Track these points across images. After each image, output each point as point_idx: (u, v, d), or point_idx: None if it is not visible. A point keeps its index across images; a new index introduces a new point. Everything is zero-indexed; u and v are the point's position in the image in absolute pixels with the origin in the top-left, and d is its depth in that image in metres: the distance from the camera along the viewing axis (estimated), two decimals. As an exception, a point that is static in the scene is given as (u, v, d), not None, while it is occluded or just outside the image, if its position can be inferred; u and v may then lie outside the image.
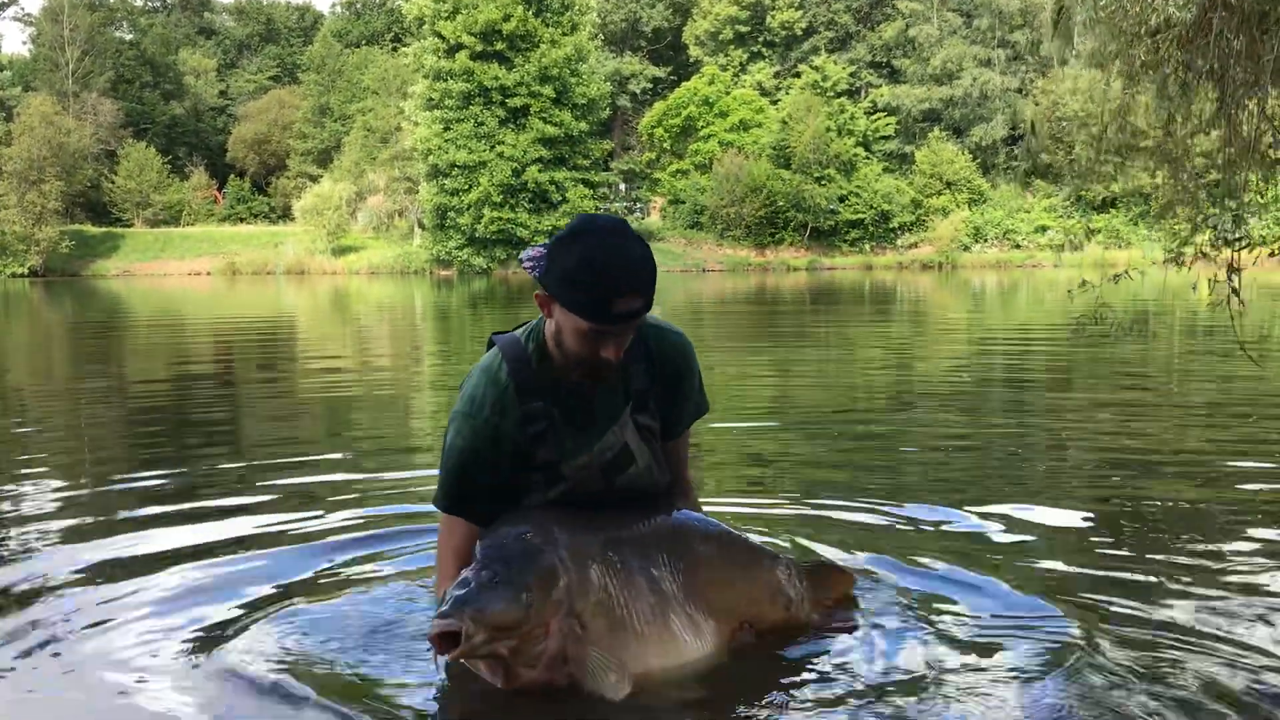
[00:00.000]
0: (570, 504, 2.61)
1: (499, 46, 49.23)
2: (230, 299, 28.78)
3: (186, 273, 52.15)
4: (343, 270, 50.63)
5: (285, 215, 60.01)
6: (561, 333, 2.49)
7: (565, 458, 2.59)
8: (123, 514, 4.11)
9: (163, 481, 4.70)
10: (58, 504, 4.30)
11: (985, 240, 52.03)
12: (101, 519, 4.04)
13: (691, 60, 62.58)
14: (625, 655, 2.39)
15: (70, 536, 3.79)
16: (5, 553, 3.57)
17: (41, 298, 31.55)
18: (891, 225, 53.04)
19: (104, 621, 2.90)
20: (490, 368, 2.61)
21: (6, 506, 4.27)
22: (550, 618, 2.32)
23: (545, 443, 2.57)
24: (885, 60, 59.96)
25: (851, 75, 59.20)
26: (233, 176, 67.15)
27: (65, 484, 4.70)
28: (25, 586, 3.22)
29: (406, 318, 20.09)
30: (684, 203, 54.64)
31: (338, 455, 5.39)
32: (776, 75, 60.72)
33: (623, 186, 61.92)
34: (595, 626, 2.39)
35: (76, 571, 3.35)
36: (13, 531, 3.85)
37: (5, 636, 2.79)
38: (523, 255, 2.57)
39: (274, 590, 3.14)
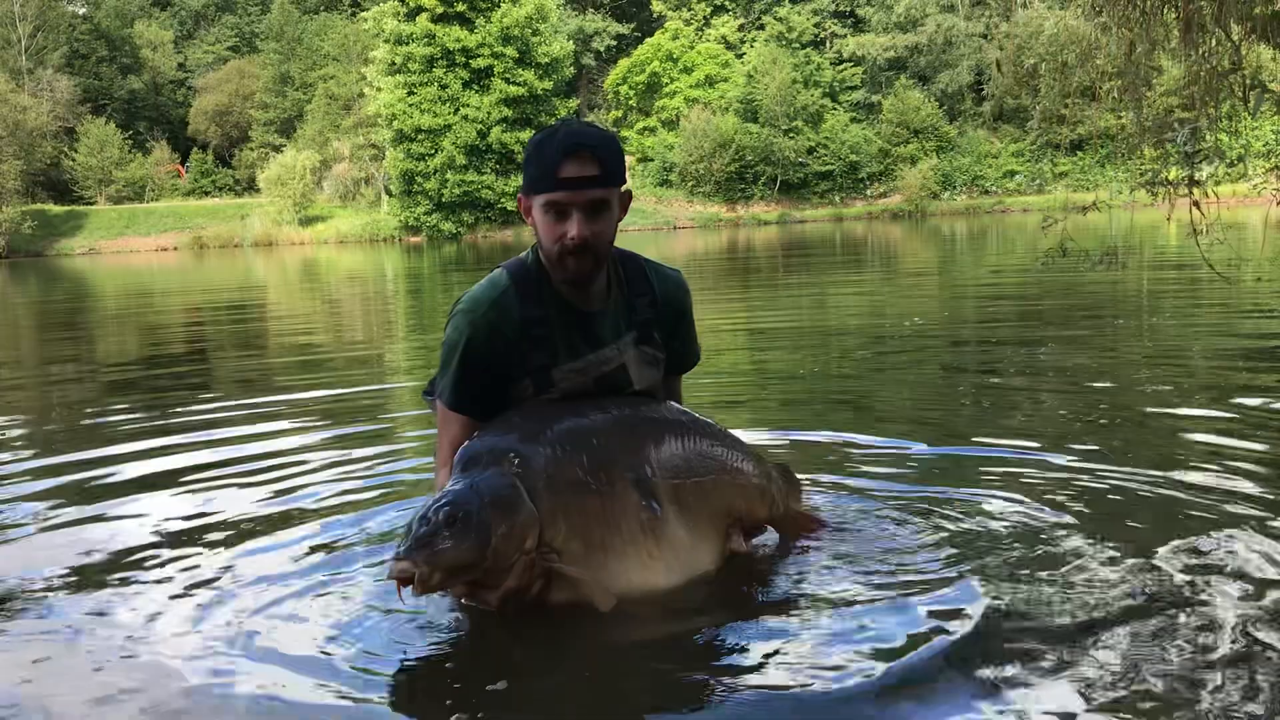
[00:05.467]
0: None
1: (460, 8, 48.69)
2: (199, 273, 28.49)
3: (153, 249, 51.59)
4: (311, 240, 50.20)
5: (250, 187, 59.34)
6: (538, 231, 2.58)
7: (558, 363, 2.63)
8: (105, 472, 4.09)
9: (137, 443, 4.68)
10: (36, 468, 4.27)
11: (954, 187, 52.03)
12: (81, 485, 4.02)
13: (655, 16, 62.03)
14: (603, 575, 2.42)
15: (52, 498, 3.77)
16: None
17: (6, 278, 31.14)
18: (860, 176, 52.98)
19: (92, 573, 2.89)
20: (494, 276, 2.70)
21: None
22: (513, 554, 2.34)
23: (542, 348, 2.61)
24: (849, 9, 59.56)
25: (816, 25, 58.85)
26: (195, 150, 66.31)
27: (39, 449, 4.67)
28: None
29: (378, 286, 19.96)
30: (652, 160, 54.39)
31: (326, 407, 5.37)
32: (741, 28, 60.28)
33: (590, 146, 61.35)
34: (570, 550, 2.42)
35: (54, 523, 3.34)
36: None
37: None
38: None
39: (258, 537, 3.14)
